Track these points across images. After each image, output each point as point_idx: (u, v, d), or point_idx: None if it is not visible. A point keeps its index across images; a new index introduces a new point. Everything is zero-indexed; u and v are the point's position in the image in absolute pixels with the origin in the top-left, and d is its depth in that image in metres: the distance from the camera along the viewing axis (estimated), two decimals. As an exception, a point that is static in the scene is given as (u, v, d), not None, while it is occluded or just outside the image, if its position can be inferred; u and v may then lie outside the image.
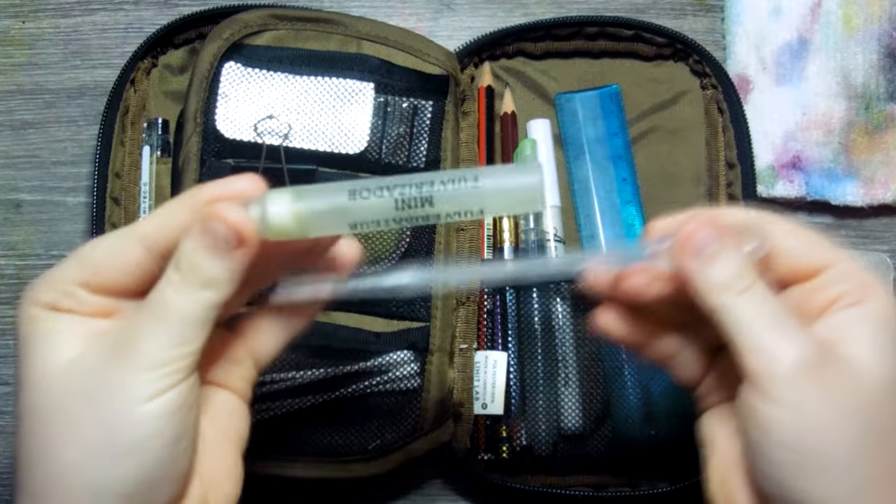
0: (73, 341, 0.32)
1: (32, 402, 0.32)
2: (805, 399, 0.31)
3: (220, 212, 0.31)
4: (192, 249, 0.31)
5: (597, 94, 0.58)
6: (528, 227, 0.56)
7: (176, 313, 0.31)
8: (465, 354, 0.54)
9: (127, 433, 0.31)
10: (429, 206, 0.32)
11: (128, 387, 0.31)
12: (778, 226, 0.35)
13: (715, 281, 0.32)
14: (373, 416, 0.51)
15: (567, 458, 0.54)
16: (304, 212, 0.32)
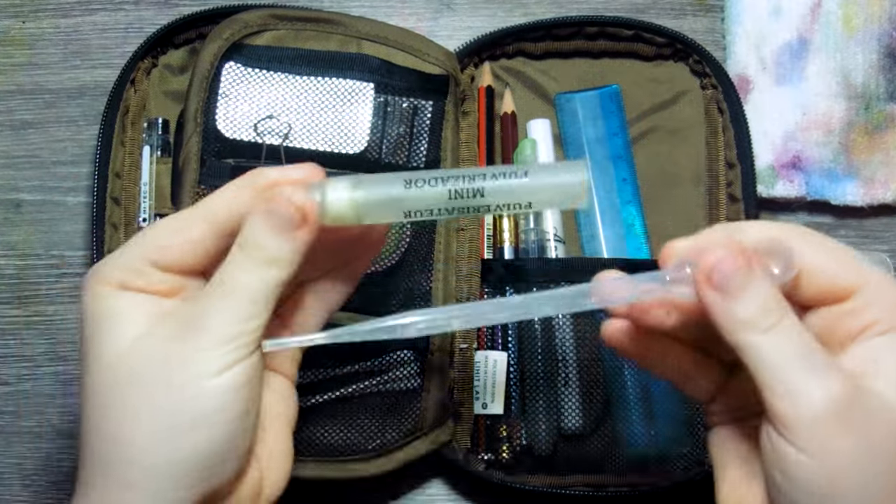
0: (141, 319, 0.33)
1: (102, 379, 0.33)
2: (832, 443, 0.30)
3: (285, 193, 0.33)
4: (258, 229, 0.33)
5: (597, 94, 0.58)
6: (528, 227, 0.56)
7: (242, 290, 0.32)
8: (465, 354, 0.54)
9: (197, 407, 0.32)
10: (480, 198, 0.33)
11: (197, 361, 0.32)
12: (806, 242, 0.33)
13: (740, 317, 0.31)
14: (373, 416, 0.51)
15: (567, 458, 0.54)
16: (360, 199, 0.33)
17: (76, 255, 0.57)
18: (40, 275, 0.57)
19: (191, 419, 0.32)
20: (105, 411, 0.32)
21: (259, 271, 0.32)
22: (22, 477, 0.56)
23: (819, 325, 0.33)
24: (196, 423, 0.32)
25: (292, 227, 0.33)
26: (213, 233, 0.34)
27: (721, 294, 0.31)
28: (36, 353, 0.57)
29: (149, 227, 0.35)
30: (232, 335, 0.32)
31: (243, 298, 0.32)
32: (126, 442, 0.32)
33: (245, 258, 0.33)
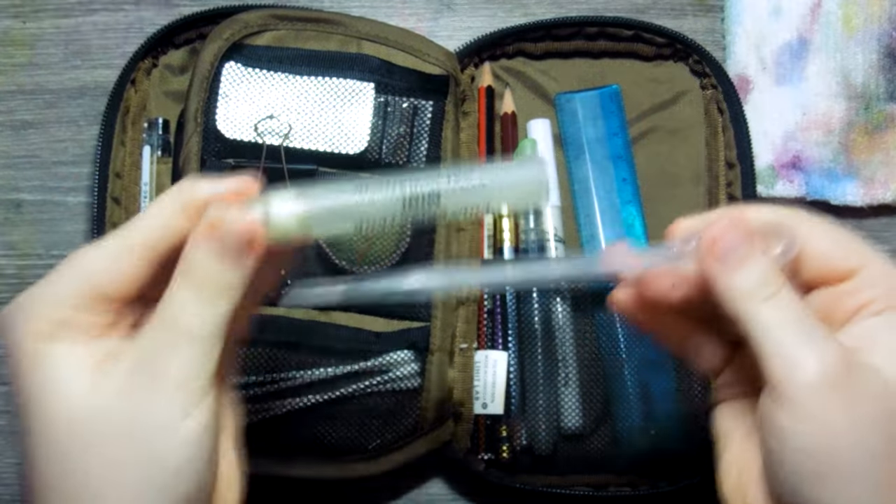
0: (85, 373, 0.30)
1: (55, 447, 0.30)
2: (826, 409, 0.30)
3: (227, 218, 0.31)
4: (204, 259, 0.31)
5: (597, 94, 0.58)
6: (528, 228, 0.56)
7: (194, 329, 0.30)
8: (465, 354, 0.54)
9: (173, 454, 0.30)
10: (435, 205, 0.32)
11: (163, 411, 0.30)
12: (809, 225, 0.34)
13: (740, 287, 0.32)
14: (373, 416, 0.51)
15: (567, 457, 0.54)
16: (308, 213, 0.32)
17: (76, 255, 0.57)
18: (40, 275, 0.56)
19: (168, 468, 0.30)
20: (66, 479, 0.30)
21: (209, 306, 0.30)
22: (22, 477, 0.56)
23: (819, 304, 0.34)
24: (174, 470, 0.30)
25: (241, 253, 0.31)
26: (151, 260, 0.32)
27: (722, 264, 0.32)
28: (36, 353, 0.57)
29: (74, 257, 0.32)
30: (191, 378, 0.30)
31: (197, 337, 0.30)
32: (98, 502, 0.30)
33: (193, 294, 0.30)
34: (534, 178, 0.32)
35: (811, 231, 0.34)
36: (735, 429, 0.36)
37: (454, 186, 0.32)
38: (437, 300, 0.53)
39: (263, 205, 0.32)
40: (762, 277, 0.32)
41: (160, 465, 0.30)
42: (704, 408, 0.54)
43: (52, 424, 0.30)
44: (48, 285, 0.32)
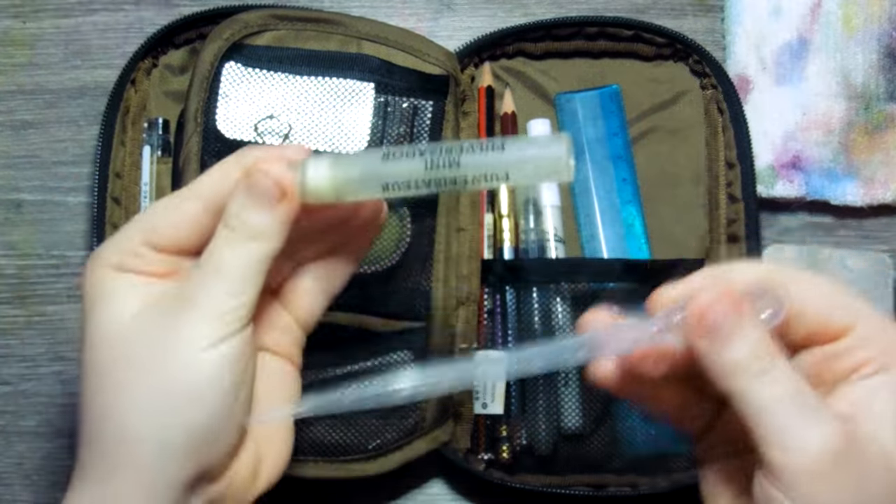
0: (135, 299, 0.34)
1: (97, 357, 0.33)
2: (825, 493, 0.29)
3: (262, 167, 0.33)
4: (239, 204, 0.33)
5: (597, 94, 0.58)
6: (528, 228, 0.56)
7: (228, 266, 0.33)
8: (465, 354, 0.54)
9: (188, 380, 0.32)
10: (456, 168, 0.33)
11: (187, 336, 0.32)
12: (797, 282, 0.33)
13: (730, 363, 0.30)
14: (373, 416, 0.51)
15: (567, 457, 0.54)
16: (339, 176, 0.34)
17: (77, 255, 0.57)
18: (40, 275, 0.57)
19: (181, 393, 0.32)
20: (99, 388, 0.33)
21: (243, 246, 0.33)
22: (22, 477, 0.56)
23: (810, 365, 0.33)
24: (186, 397, 0.32)
25: (272, 200, 0.33)
26: (203, 210, 0.34)
27: (710, 339, 0.31)
28: (36, 353, 0.57)
29: (144, 210, 0.36)
30: (221, 310, 0.33)
31: (229, 273, 0.33)
32: (117, 418, 0.32)
33: (229, 234, 0.33)
34: (553, 153, 0.33)
35: (800, 288, 0.32)
36: (723, 493, 0.35)
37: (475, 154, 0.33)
38: (438, 300, 0.53)
39: (301, 166, 0.34)
40: (754, 351, 0.30)
41: (177, 385, 0.32)
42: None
43: (98, 337, 0.33)
44: (121, 231, 0.35)
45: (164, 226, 0.35)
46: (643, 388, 0.36)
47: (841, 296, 0.33)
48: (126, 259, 0.34)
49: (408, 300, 0.52)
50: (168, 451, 0.32)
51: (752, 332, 0.31)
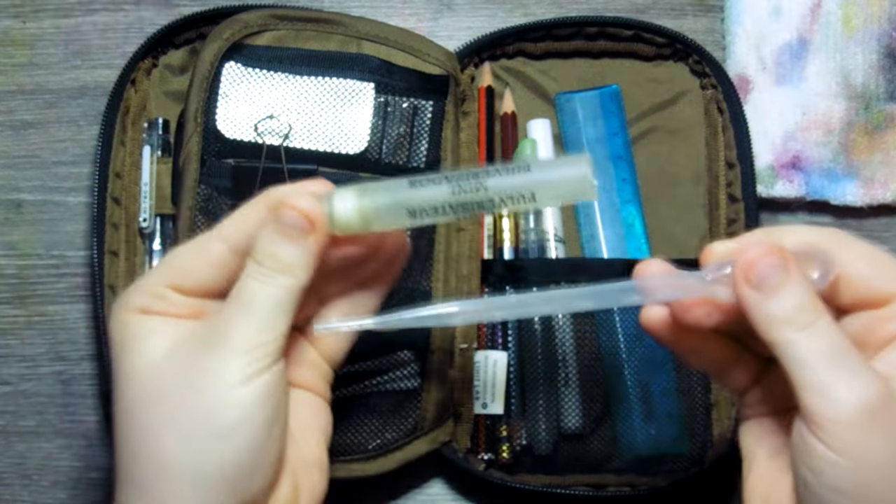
0: (165, 340, 0.34)
1: (130, 397, 0.34)
2: (864, 445, 0.30)
3: (290, 201, 0.34)
4: (269, 239, 0.34)
5: (597, 94, 0.58)
6: (528, 227, 0.56)
7: (259, 300, 0.33)
8: (465, 354, 0.54)
9: (222, 417, 0.32)
10: (483, 192, 0.34)
11: (220, 372, 0.33)
12: (847, 248, 0.33)
13: (776, 315, 0.31)
14: (373, 416, 0.51)
15: (567, 458, 0.54)
16: (367, 205, 0.34)
17: (77, 255, 0.57)
18: (41, 275, 0.57)
19: (216, 430, 0.32)
20: (132, 428, 0.33)
21: (273, 280, 0.33)
22: (22, 477, 0.56)
23: (855, 328, 0.33)
24: (221, 433, 0.32)
25: (301, 233, 0.34)
26: (228, 251, 0.35)
27: (758, 291, 0.31)
28: (36, 353, 0.57)
29: (168, 253, 0.37)
30: (253, 346, 0.33)
31: (261, 309, 0.33)
32: (152, 456, 0.33)
33: (259, 270, 0.34)
34: (578, 174, 0.33)
35: (849, 254, 0.33)
36: (761, 447, 0.36)
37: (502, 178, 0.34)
38: (438, 300, 0.53)
39: (328, 198, 0.35)
40: (799, 304, 0.31)
41: (212, 421, 0.32)
42: (705, 407, 0.54)
43: (130, 378, 0.34)
44: (146, 274, 0.36)
45: (189, 268, 0.35)
46: (691, 338, 0.36)
47: (888, 263, 0.33)
48: (152, 302, 0.35)
49: (408, 300, 0.52)
50: (206, 485, 0.32)
51: (798, 286, 0.31)
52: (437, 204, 0.34)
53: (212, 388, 0.32)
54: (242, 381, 0.33)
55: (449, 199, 0.34)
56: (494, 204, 0.34)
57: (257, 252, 0.34)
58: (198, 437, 0.32)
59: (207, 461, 0.32)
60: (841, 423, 0.30)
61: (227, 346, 0.33)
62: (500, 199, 0.34)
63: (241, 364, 0.33)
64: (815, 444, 0.30)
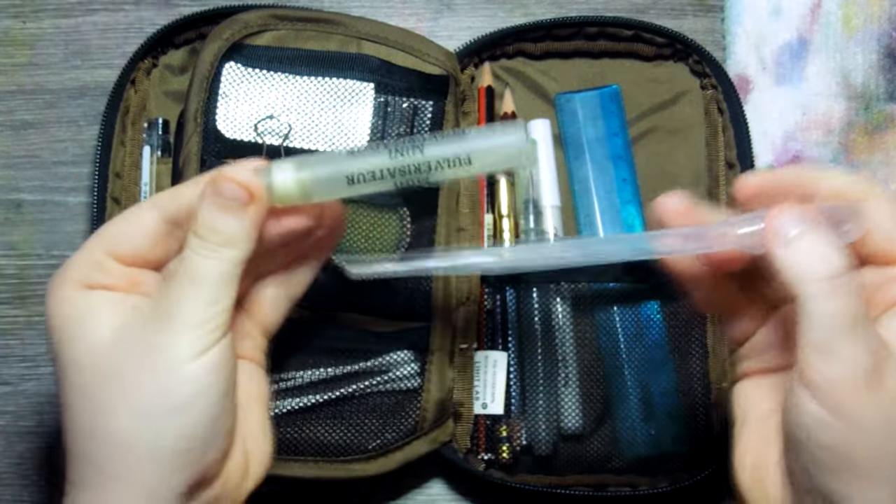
0: (110, 316, 0.34)
1: (80, 379, 0.33)
2: (858, 409, 0.30)
3: (228, 172, 0.34)
4: (209, 212, 0.34)
5: (597, 94, 0.58)
6: (528, 228, 0.56)
7: (205, 274, 0.34)
8: (465, 354, 0.54)
9: (177, 391, 0.33)
10: (419, 153, 0.35)
11: (173, 348, 0.33)
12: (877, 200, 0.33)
13: (804, 271, 0.31)
14: (373, 416, 0.51)
15: (567, 458, 0.54)
16: (306, 176, 0.35)
17: (76, 255, 0.57)
18: (41, 275, 0.57)
19: (171, 405, 0.33)
20: (86, 408, 0.33)
21: (217, 254, 0.34)
22: (22, 477, 0.56)
23: (866, 282, 0.34)
24: (177, 408, 0.33)
25: (241, 204, 0.34)
26: (164, 221, 0.35)
27: (788, 248, 0.32)
28: (36, 353, 0.57)
29: (104, 225, 0.37)
30: (202, 319, 0.33)
31: (207, 281, 0.34)
32: (108, 434, 0.33)
33: (201, 243, 0.34)
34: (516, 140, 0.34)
35: (878, 207, 0.33)
36: (753, 407, 0.36)
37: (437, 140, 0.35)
38: (438, 300, 0.53)
39: (266, 171, 0.35)
40: (826, 261, 0.31)
41: (168, 397, 0.33)
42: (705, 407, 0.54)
43: (78, 359, 0.34)
44: (80, 249, 0.36)
45: (124, 234, 0.35)
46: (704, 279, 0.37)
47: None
48: (91, 274, 0.35)
49: (408, 300, 0.52)
50: (163, 461, 0.33)
51: (828, 245, 0.31)
52: (374, 169, 0.35)
53: (165, 365, 0.33)
54: (194, 355, 0.33)
55: (387, 164, 0.35)
56: (431, 167, 0.35)
57: (198, 226, 0.34)
58: (154, 414, 0.33)
59: (164, 436, 0.33)
60: (837, 384, 0.30)
61: (176, 322, 0.33)
62: (436, 162, 0.35)
63: (192, 339, 0.33)
64: (807, 402, 0.31)
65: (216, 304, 0.34)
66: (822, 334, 0.31)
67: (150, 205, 0.36)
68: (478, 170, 0.35)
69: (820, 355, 0.31)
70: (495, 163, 0.35)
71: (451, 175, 0.35)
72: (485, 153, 0.35)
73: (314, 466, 0.51)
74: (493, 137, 0.35)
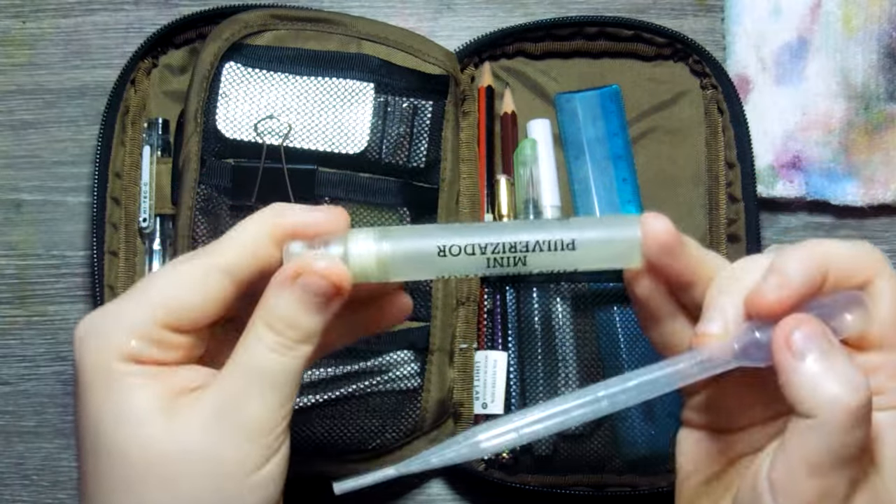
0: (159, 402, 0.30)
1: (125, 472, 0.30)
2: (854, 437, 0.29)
3: (313, 266, 0.30)
4: (291, 307, 0.30)
5: (597, 94, 0.58)
6: (528, 227, 0.56)
7: (277, 373, 0.30)
8: (465, 354, 0.54)
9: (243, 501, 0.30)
10: (521, 266, 0.32)
11: (241, 457, 0.30)
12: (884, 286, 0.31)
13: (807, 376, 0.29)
14: (373, 416, 0.51)
15: (567, 457, 0.54)
16: (389, 256, 0.31)
17: (76, 255, 0.57)
18: (40, 275, 0.57)
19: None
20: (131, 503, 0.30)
21: (293, 351, 0.31)
22: (22, 477, 0.56)
23: None
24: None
25: (327, 302, 0.31)
26: (234, 287, 0.31)
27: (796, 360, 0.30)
28: (36, 353, 0.57)
29: (154, 277, 0.31)
30: (272, 425, 0.30)
31: (277, 384, 0.30)
32: None
33: (276, 339, 0.30)
34: (626, 238, 0.32)
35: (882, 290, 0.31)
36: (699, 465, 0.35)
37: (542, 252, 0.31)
38: (437, 300, 0.53)
39: (345, 244, 0.31)
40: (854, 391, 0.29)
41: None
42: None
43: (125, 452, 0.30)
44: (127, 305, 0.31)
45: (188, 305, 0.31)
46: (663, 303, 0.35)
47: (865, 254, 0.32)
48: (144, 347, 0.30)
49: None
50: None
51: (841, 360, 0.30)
52: (468, 272, 0.32)
53: (229, 475, 0.30)
54: (260, 465, 0.30)
55: (482, 272, 0.32)
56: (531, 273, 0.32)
57: (275, 320, 0.30)
58: None
59: None
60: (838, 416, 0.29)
61: (243, 428, 0.30)
62: (538, 272, 0.32)
63: (259, 447, 0.30)
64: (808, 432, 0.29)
65: (285, 405, 0.31)
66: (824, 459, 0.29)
67: (220, 268, 0.31)
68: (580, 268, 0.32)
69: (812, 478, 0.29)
70: (600, 263, 0.32)
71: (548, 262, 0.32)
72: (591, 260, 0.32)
73: (314, 466, 0.51)
74: (601, 236, 0.32)
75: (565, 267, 0.32)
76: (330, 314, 0.31)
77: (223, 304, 0.31)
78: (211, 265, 0.31)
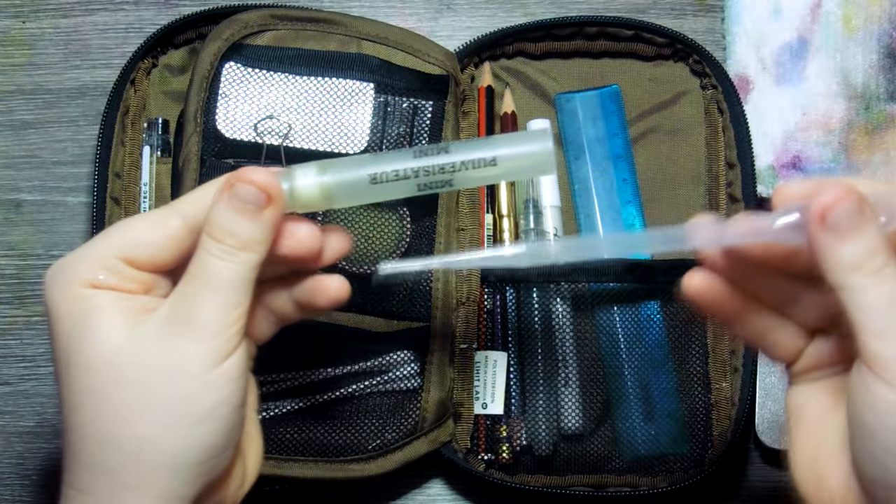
0: (123, 317, 0.33)
1: (92, 383, 0.32)
2: None
3: (246, 174, 0.33)
4: (225, 214, 0.33)
5: (597, 94, 0.58)
6: (528, 228, 0.56)
7: (223, 279, 0.33)
8: (465, 354, 0.54)
9: (201, 401, 0.32)
10: (444, 154, 0.34)
11: (195, 356, 0.32)
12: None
13: (848, 259, 0.31)
14: (373, 416, 0.51)
15: (567, 458, 0.54)
16: (329, 180, 0.34)
17: (76, 255, 0.57)
18: (40, 275, 0.57)
19: (195, 414, 0.32)
20: (99, 413, 0.32)
21: (234, 257, 0.33)
22: (22, 477, 0.56)
23: None
24: (200, 418, 0.32)
25: (258, 207, 0.33)
26: (187, 229, 0.34)
27: (832, 235, 0.31)
28: (36, 353, 0.57)
29: (118, 224, 0.35)
30: (223, 325, 0.33)
31: (225, 286, 0.33)
32: (126, 442, 0.32)
33: (217, 245, 0.33)
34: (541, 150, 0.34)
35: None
36: (811, 406, 0.36)
37: (462, 143, 0.35)
38: (438, 300, 0.53)
39: (287, 175, 0.34)
40: (871, 249, 0.31)
41: (192, 406, 0.32)
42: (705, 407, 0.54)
43: (91, 363, 0.32)
44: (90, 245, 0.34)
45: (145, 242, 0.34)
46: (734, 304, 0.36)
47: None
48: (101, 275, 0.33)
49: (408, 300, 0.52)
50: (183, 471, 0.32)
51: (871, 231, 0.31)
52: (399, 169, 0.34)
53: (187, 373, 0.32)
54: (216, 363, 0.32)
55: (411, 165, 0.34)
56: (455, 167, 0.34)
57: (213, 227, 0.33)
58: (178, 424, 0.32)
59: (187, 446, 0.32)
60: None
61: (197, 328, 0.32)
62: (461, 163, 0.34)
63: (214, 346, 0.32)
64: (879, 386, 0.30)
65: (235, 309, 0.33)
66: (876, 319, 0.30)
67: (173, 212, 0.35)
68: (502, 174, 0.35)
69: (881, 339, 0.30)
70: (519, 168, 0.35)
71: (474, 179, 0.35)
72: (510, 158, 0.34)
73: (314, 467, 0.51)
74: (518, 142, 0.35)
75: (488, 181, 0.35)
76: (266, 224, 0.33)
77: (178, 247, 0.34)
78: (171, 212, 0.35)
